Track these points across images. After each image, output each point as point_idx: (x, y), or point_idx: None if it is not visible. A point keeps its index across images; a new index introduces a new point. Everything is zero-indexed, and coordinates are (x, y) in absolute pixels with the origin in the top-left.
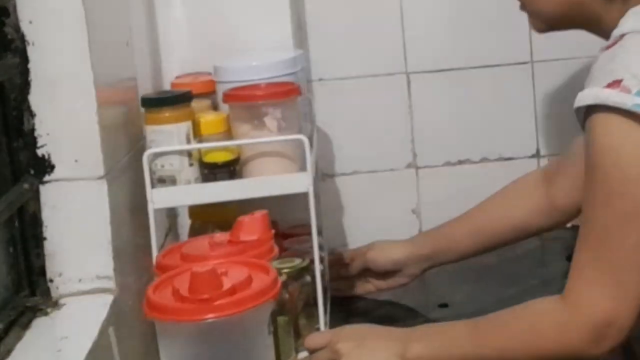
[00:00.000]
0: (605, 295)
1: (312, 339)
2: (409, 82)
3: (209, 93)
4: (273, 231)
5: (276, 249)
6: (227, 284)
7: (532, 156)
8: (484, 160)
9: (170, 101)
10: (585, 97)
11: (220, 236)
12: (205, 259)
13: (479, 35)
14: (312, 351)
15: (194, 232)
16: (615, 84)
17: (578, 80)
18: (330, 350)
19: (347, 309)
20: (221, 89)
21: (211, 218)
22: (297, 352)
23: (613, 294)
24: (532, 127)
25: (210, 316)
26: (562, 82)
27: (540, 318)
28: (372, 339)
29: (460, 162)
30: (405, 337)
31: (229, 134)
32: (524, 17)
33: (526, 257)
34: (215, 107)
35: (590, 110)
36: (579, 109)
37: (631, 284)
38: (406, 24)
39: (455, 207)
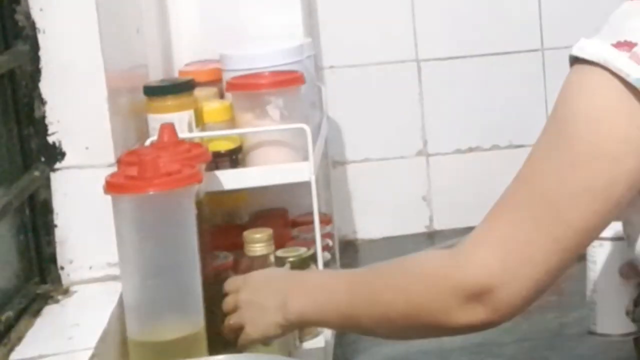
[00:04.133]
0: (499, 255)
1: (229, 283)
2: (419, 70)
3: (215, 81)
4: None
5: (208, 154)
6: (164, 170)
7: None
8: (494, 147)
9: (172, 90)
10: (587, 49)
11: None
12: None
13: (489, 23)
14: (226, 294)
15: (198, 220)
16: (627, 45)
17: None
18: (234, 299)
19: None
20: (227, 77)
21: (214, 206)
22: (300, 341)
23: (511, 257)
24: (543, 114)
25: (151, 190)
26: None
27: (419, 264)
28: (265, 292)
29: (470, 150)
30: (285, 291)
31: (232, 123)
32: (534, 4)
33: None
34: (221, 95)
35: (584, 60)
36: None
37: (539, 252)
38: (417, 12)
39: (466, 194)
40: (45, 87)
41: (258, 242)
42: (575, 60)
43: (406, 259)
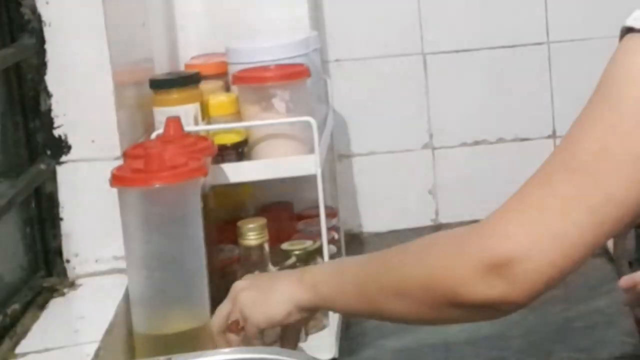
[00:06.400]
0: (527, 225)
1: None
2: (425, 63)
3: (221, 74)
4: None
5: (214, 147)
6: (170, 163)
7: (549, 137)
8: (500, 140)
9: (177, 83)
10: None
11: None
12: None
13: (495, 15)
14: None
15: (204, 213)
16: None
17: (594, 61)
18: (230, 302)
19: None
20: (233, 70)
21: (220, 199)
22: (306, 334)
23: (540, 228)
24: (549, 108)
25: (157, 183)
26: (578, 63)
27: (443, 234)
28: (271, 276)
29: (476, 143)
30: (299, 271)
31: (238, 116)
32: None
33: None
34: (227, 89)
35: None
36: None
37: (572, 224)
38: (422, 5)
39: (472, 187)
40: (51, 80)
41: (252, 231)
42: (627, 32)
43: (431, 234)
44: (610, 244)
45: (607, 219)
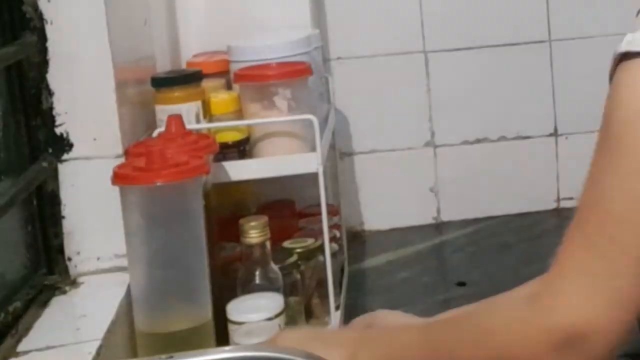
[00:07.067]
0: (587, 293)
1: None
2: (426, 61)
3: (223, 72)
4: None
5: (215, 145)
6: (172, 161)
7: (550, 135)
8: (501, 138)
9: (179, 81)
10: (638, 41)
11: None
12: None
13: (496, 13)
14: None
15: (206, 211)
16: None
17: (596, 59)
18: (278, 338)
19: (364, 287)
20: (234, 69)
21: (222, 197)
22: None
23: (602, 296)
24: (550, 106)
25: (158, 181)
26: (580, 61)
27: (498, 312)
28: (317, 345)
29: (478, 141)
30: (352, 343)
31: (240, 114)
32: None
33: (544, 235)
34: (229, 87)
35: (635, 54)
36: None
37: (625, 282)
38: (424, 3)
39: (473, 185)
40: (53, 78)
41: (253, 229)
42: (622, 58)
43: (481, 307)
44: None
45: None
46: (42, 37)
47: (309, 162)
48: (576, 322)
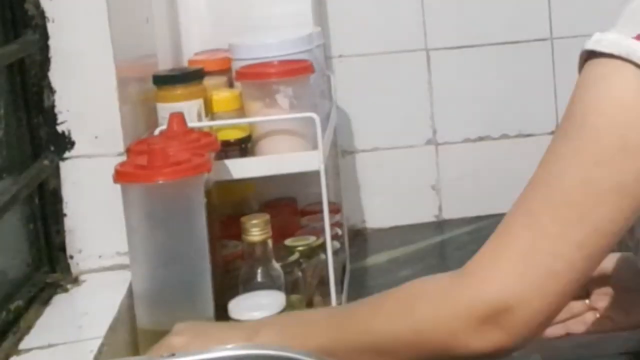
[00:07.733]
0: (518, 269)
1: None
2: (428, 59)
3: (225, 70)
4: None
5: (217, 143)
6: (173, 159)
7: (552, 133)
8: (503, 136)
9: (181, 79)
10: (605, 42)
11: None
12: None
13: (498, 11)
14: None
15: (208, 209)
16: None
17: None
18: (163, 346)
19: (365, 285)
20: (236, 66)
21: (223, 195)
22: None
23: (537, 273)
24: (552, 104)
25: (160, 179)
26: None
27: (421, 287)
28: (215, 330)
29: (480, 139)
30: (256, 325)
31: (241, 112)
32: None
33: None
34: (231, 85)
35: (600, 54)
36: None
37: (563, 262)
38: (426, 1)
39: (475, 183)
40: (55, 76)
41: (255, 227)
42: (589, 56)
43: (401, 286)
44: None
45: (595, 251)
46: (44, 35)
47: (311, 160)
48: (503, 295)
